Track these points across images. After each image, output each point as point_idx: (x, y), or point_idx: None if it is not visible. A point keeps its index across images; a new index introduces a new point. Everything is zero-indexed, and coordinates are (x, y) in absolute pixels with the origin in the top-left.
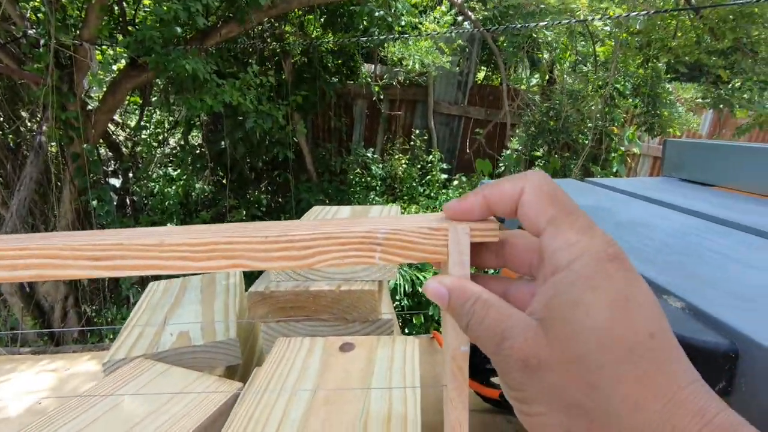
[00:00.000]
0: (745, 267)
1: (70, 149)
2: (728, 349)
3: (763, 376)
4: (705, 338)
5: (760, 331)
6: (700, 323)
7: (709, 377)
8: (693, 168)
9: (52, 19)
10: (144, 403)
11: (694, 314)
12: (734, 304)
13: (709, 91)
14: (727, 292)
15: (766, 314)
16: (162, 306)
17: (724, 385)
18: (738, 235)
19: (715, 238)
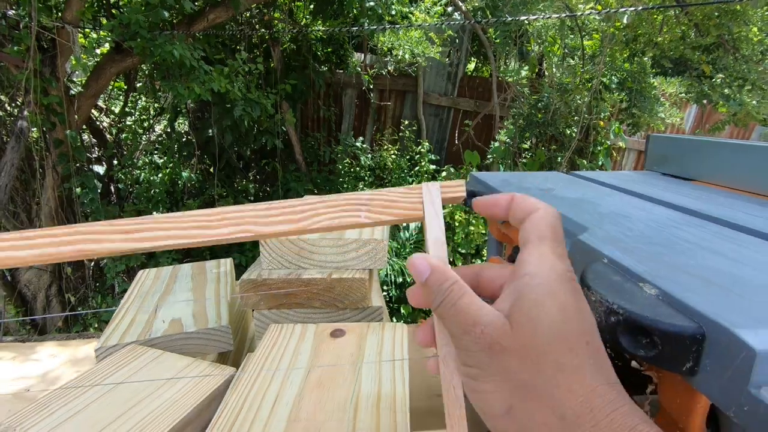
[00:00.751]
0: (718, 256)
1: (53, 135)
2: (695, 332)
3: (725, 357)
4: (674, 321)
5: (725, 315)
6: (671, 308)
7: (677, 358)
8: (674, 163)
9: (33, 0)
10: (138, 387)
11: (666, 300)
12: (704, 290)
13: (693, 86)
14: (698, 279)
15: (733, 300)
16: (153, 293)
17: (690, 365)
18: (713, 227)
19: (692, 230)
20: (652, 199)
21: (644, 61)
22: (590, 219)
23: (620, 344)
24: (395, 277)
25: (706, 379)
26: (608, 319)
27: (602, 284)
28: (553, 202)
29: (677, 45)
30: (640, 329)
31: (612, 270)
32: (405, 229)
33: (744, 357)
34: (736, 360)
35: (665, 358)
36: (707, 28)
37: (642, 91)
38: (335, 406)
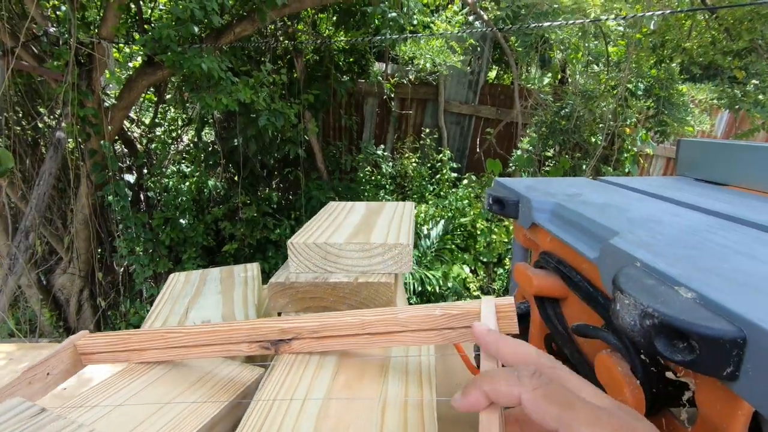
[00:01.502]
0: (752, 260)
1: (88, 145)
2: (736, 336)
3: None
4: (714, 325)
5: (767, 318)
6: (709, 312)
7: (717, 363)
8: (707, 167)
9: (73, 18)
10: (171, 386)
11: (704, 304)
12: (741, 293)
13: (725, 92)
14: (734, 283)
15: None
16: (184, 296)
17: (731, 370)
18: (747, 231)
19: (725, 234)
20: (684, 204)
21: (672, 67)
22: (619, 223)
23: (655, 348)
24: (416, 285)
25: (748, 384)
26: (643, 322)
27: (636, 287)
28: (582, 207)
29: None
30: (676, 333)
31: (645, 273)
32: (426, 237)
33: None
34: None
35: (704, 362)
36: (739, 33)
37: (670, 98)
38: (363, 408)
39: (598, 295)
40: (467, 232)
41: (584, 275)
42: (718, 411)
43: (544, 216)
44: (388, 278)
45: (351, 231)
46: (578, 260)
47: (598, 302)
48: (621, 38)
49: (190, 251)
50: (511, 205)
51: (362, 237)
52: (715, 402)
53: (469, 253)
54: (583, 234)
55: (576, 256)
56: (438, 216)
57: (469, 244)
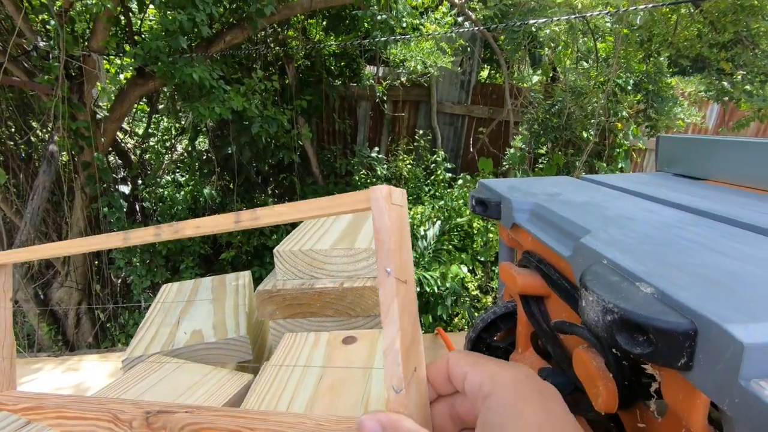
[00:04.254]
0: (718, 254)
1: (81, 158)
2: (687, 328)
3: (716, 352)
4: (669, 319)
5: (716, 310)
6: (665, 306)
7: (672, 354)
8: (685, 163)
9: (62, 32)
10: (161, 396)
11: (661, 298)
12: (699, 287)
13: (712, 84)
14: (695, 277)
15: (726, 297)
16: (176, 306)
17: (685, 360)
18: (717, 226)
19: (696, 230)
20: (660, 201)
21: (660, 61)
22: (594, 222)
23: (617, 342)
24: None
25: (700, 373)
26: (605, 318)
27: (599, 284)
28: (560, 206)
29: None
30: (635, 327)
31: (610, 271)
32: (423, 238)
33: (733, 351)
34: (726, 354)
35: (661, 354)
36: (723, 25)
37: (659, 92)
38: (346, 409)
39: (575, 293)
40: (464, 231)
41: (562, 273)
42: (681, 401)
43: (524, 216)
44: (373, 282)
45: (337, 236)
46: (556, 259)
47: (574, 299)
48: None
49: (188, 260)
50: (494, 206)
51: (348, 242)
52: (678, 392)
53: (466, 253)
54: (560, 233)
55: (554, 255)
56: (434, 217)
57: (466, 243)
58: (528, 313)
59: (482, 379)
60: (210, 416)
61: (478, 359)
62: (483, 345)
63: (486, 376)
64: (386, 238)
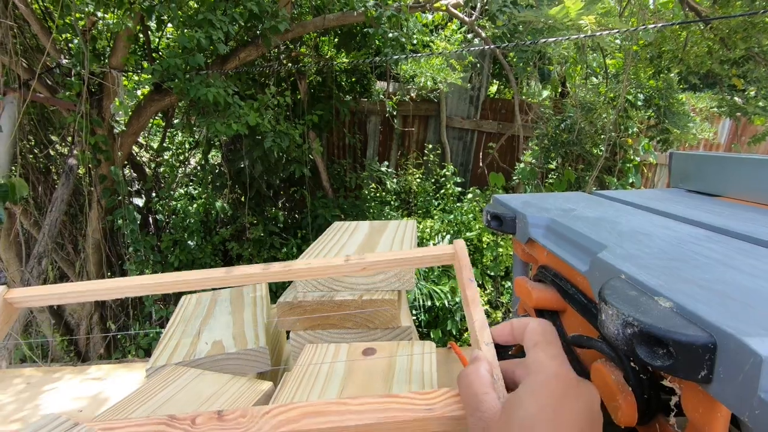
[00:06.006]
0: (734, 270)
1: (98, 171)
2: (707, 341)
3: (736, 364)
4: (688, 332)
5: (734, 324)
6: (685, 320)
7: (692, 367)
8: (698, 179)
9: (86, 50)
10: (183, 404)
11: (680, 312)
12: (716, 302)
13: (724, 100)
14: (712, 292)
15: (743, 311)
16: (196, 317)
17: (705, 373)
18: (733, 243)
19: (712, 246)
20: (674, 216)
21: (670, 77)
22: (610, 237)
23: (637, 355)
24: (424, 300)
25: (721, 386)
26: (625, 331)
27: (618, 298)
28: (575, 222)
29: (704, 60)
30: (655, 340)
31: (629, 285)
32: None
33: (752, 363)
34: (746, 366)
35: (681, 367)
36: (734, 42)
37: (670, 107)
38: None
39: (592, 307)
40: (473, 246)
41: (578, 288)
42: (701, 414)
43: (539, 231)
44: (391, 295)
45: (355, 250)
46: (572, 273)
47: (591, 313)
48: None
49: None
50: (509, 222)
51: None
52: (698, 405)
53: (476, 267)
54: (576, 248)
55: (570, 270)
56: (444, 231)
57: (476, 258)
58: None
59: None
60: None
61: (540, 342)
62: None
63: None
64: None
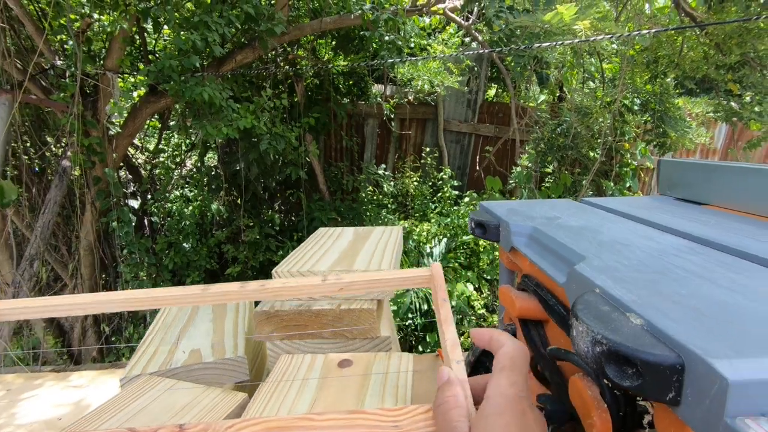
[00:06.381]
0: (711, 285)
1: (92, 173)
2: (675, 362)
3: (703, 387)
4: (656, 352)
5: (703, 344)
6: (654, 338)
7: (660, 388)
8: (686, 187)
9: (79, 52)
10: (157, 415)
11: (650, 330)
12: (688, 319)
13: (721, 105)
14: (686, 308)
15: (716, 330)
16: (176, 324)
17: (673, 395)
18: (715, 255)
19: (692, 257)
20: (658, 226)
21: (666, 82)
22: (590, 248)
23: (606, 375)
24: (420, 304)
25: (689, 409)
26: (594, 349)
27: (590, 315)
28: (558, 231)
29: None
30: (624, 359)
31: (602, 300)
32: (429, 255)
33: (719, 387)
34: (712, 390)
35: (649, 388)
36: (730, 48)
37: (666, 112)
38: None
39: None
40: (470, 249)
41: (558, 299)
42: None
43: (521, 240)
44: (370, 304)
45: (336, 257)
46: (552, 284)
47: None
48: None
49: (194, 275)
50: (493, 229)
51: (346, 264)
52: (669, 426)
53: (472, 271)
54: (556, 258)
55: (550, 280)
56: (440, 234)
57: (473, 261)
58: (527, 337)
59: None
60: None
61: (505, 367)
62: (482, 369)
63: (496, 386)
64: (442, 284)
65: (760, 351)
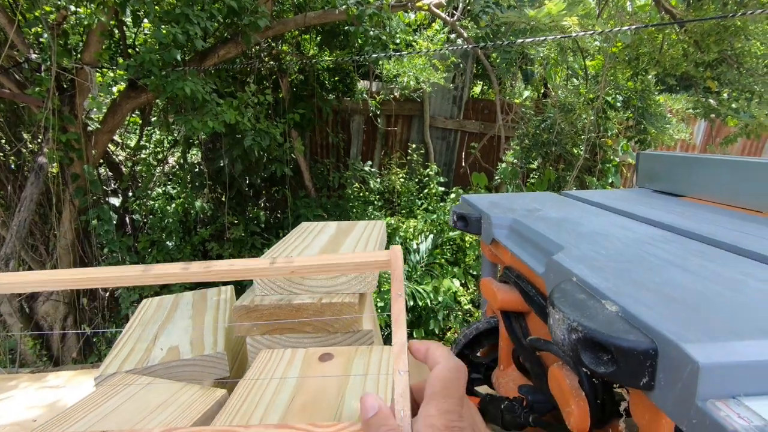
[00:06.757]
0: (684, 272)
1: (71, 170)
2: (648, 347)
3: (675, 371)
4: (630, 337)
5: (675, 329)
6: (628, 324)
7: (634, 373)
8: (664, 179)
9: (54, 45)
10: (130, 414)
11: (625, 316)
12: (661, 305)
13: (699, 102)
14: (659, 295)
15: (688, 316)
16: (154, 321)
17: (647, 380)
18: (689, 244)
19: (667, 247)
20: (636, 217)
21: (648, 79)
22: (568, 238)
23: (582, 362)
24: (407, 300)
25: (662, 393)
26: (570, 336)
27: (566, 302)
28: (538, 222)
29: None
30: (599, 346)
31: (579, 288)
32: (415, 252)
33: (690, 370)
34: (684, 373)
35: (623, 373)
36: (707, 45)
37: (648, 108)
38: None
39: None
40: (456, 245)
41: (538, 289)
42: (647, 420)
43: (502, 232)
44: (352, 298)
45: (317, 252)
46: (532, 275)
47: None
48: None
49: None
50: (474, 222)
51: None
52: (644, 412)
53: (458, 267)
54: (536, 249)
55: (530, 271)
56: (427, 230)
57: (459, 257)
58: (509, 329)
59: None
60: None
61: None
62: (465, 361)
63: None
64: (399, 274)
65: (730, 335)
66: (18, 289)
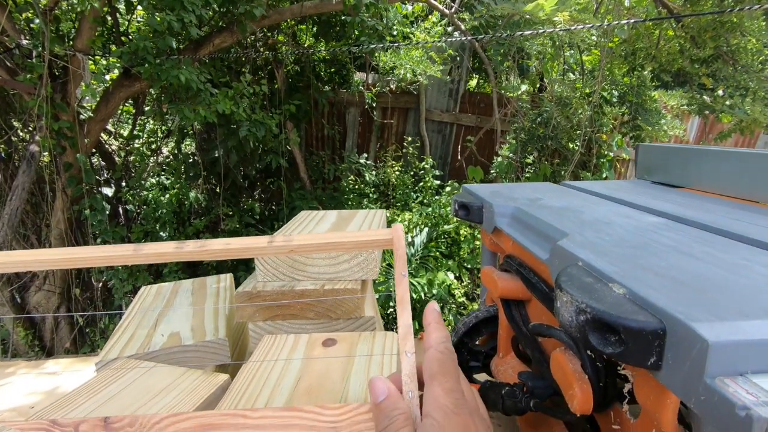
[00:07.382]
0: (688, 257)
1: (63, 159)
2: (656, 327)
3: (683, 350)
4: (638, 318)
5: (683, 310)
6: (636, 306)
7: (642, 353)
8: (662, 171)
9: (46, 31)
10: (132, 398)
11: (632, 298)
12: (668, 288)
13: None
14: (665, 279)
15: (694, 297)
16: (154, 309)
17: (654, 359)
18: (691, 231)
19: (669, 234)
20: (637, 206)
21: (644, 75)
22: (572, 226)
23: (590, 342)
24: None
25: (669, 372)
26: (578, 318)
27: (573, 285)
28: (540, 210)
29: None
30: (607, 326)
31: (585, 272)
32: (410, 245)
33: (699, 349)
34: (692, 352)
35: (631, 354)
36: (704, 41)
37: (643, 104)
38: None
39: (553, 295)
40: (451, 239)
41: (541, 277)
42: (652, 401)
43: (504, 220)
44: (354, 284)
45: None
46: (535, 262)
47: (552, 302)
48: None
49: (171, 264)
50: (476, 211)
51: None
52: (649, 393)
53: (453, 260)
54: (539, 237)
55: (533, 259)
56: (422, 224)
57: (453, 251)
58: (509, 316)
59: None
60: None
61: (437, 373)
62: (465, 349)
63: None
64: (402, 254)
65: (737, 315)
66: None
